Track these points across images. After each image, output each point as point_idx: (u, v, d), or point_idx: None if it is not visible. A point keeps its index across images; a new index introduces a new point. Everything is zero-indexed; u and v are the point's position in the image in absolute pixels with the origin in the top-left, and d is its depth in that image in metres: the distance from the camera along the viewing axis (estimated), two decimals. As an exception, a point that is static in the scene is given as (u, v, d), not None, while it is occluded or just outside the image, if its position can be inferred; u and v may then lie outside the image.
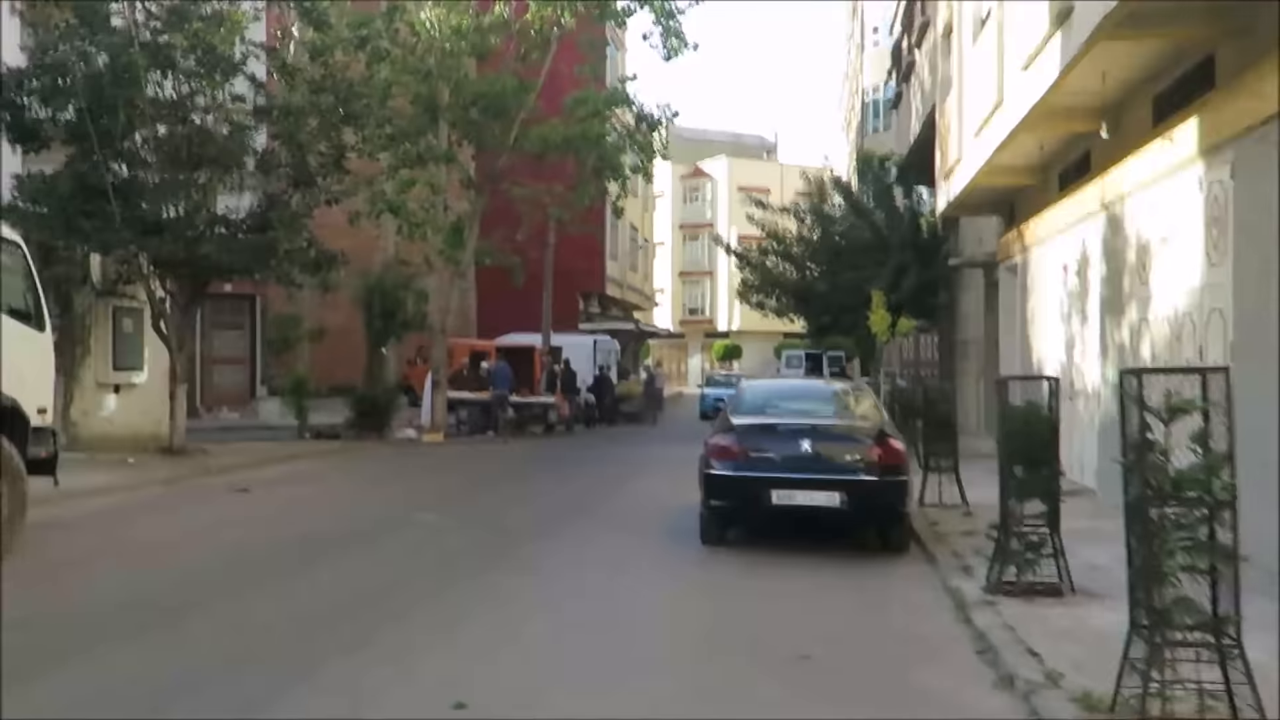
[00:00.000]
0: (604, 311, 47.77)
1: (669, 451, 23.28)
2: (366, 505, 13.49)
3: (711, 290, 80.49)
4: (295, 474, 17.19)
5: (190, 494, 14.34)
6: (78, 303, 18.87)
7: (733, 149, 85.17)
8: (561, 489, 15.77)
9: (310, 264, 18.12)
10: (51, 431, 9.86)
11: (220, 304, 30.74)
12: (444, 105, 24.36)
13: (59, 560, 9.26)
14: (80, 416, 18.98)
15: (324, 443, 22.54)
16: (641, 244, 56.64)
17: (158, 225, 16.82)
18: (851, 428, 10.35)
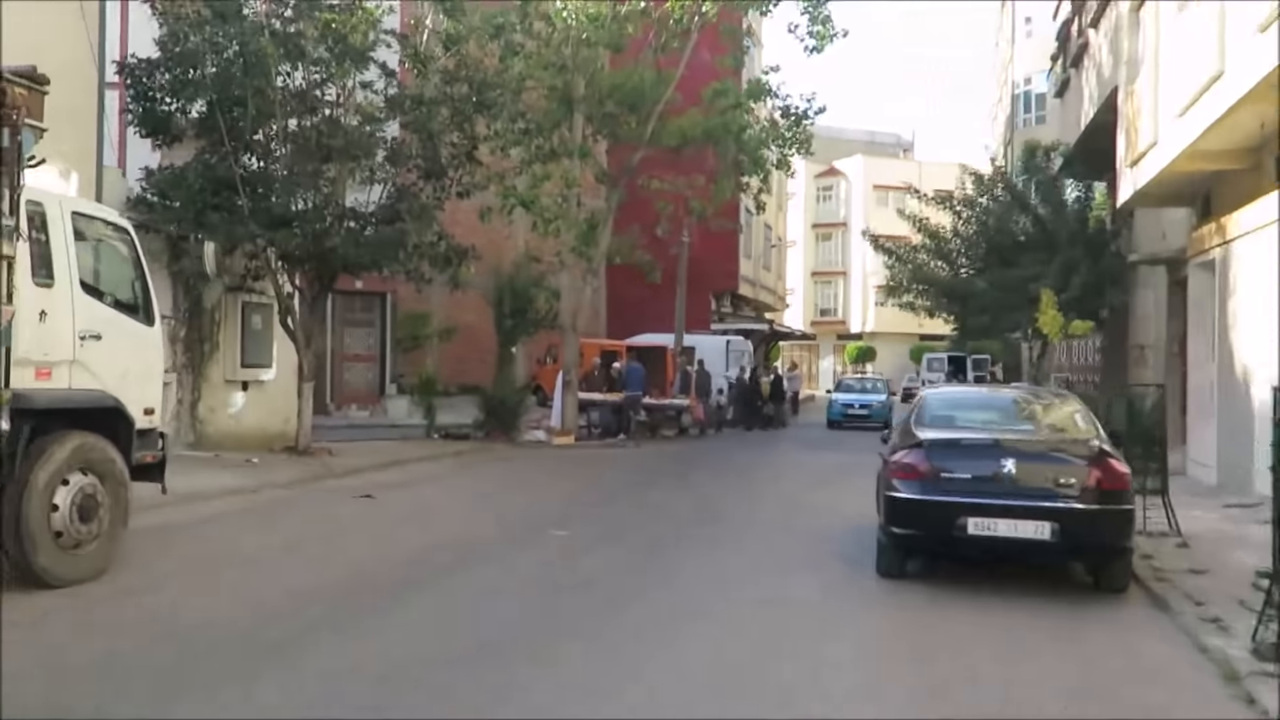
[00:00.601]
0: (736, 311, 46.39)
1: (807, 459, 21.82)
2: (494, 515, 12.45)
3: (845, 291, 78.31)
4: (421, 477, 16.34)
5: (310, 499, 13.55)
6: (207, 298, 18.45)
7: (867, 148, 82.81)
8: (700, 500, 14.52)
9: (440, 258, 17.27)
10: (160, 434, 9.03)
11: (351, 301, 30.47)
12: (579, 98, 23.37)
13: (151, 579, 8.39)
14: (207, 414, 18.56)
15: (452, 444, 21.76)
16: (775, 243, 55.05)
17: (286, 218, 16.17)
18: (1062, 444, 8.81)
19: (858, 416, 32.16)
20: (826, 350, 76.28)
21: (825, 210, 79.40)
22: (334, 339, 30.45)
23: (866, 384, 37.73)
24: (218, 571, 8.78)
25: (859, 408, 33.06)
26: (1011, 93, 45.20)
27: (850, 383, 39.09)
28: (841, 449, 24.76)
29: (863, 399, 33.83)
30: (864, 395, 34.59)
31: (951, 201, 25.08)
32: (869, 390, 35.80)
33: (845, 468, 19.74)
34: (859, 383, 38.75)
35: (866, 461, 22.09)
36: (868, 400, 33.74)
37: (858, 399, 33.90)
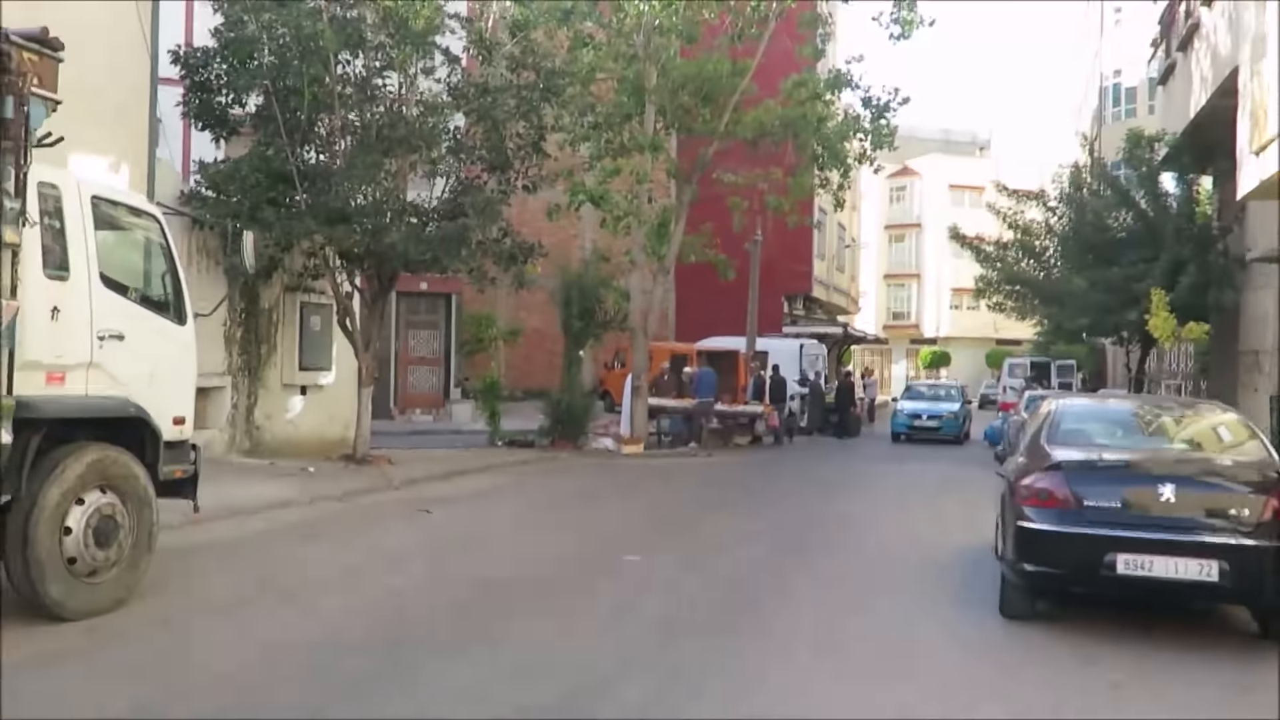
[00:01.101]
0: (808, 314, 45.03)
1: (890, 471, 20.47)
2: (561, 537, 11.37)
3: (918, 294, 76.36)
4: (483, 490, 15.36)
5: (365, 514, 12.61)
6: (265, 297, 17.69)
7: (942, 146, 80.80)
8: (784, 519, 13.33)
9: (505, 256, 16.28)
10: (191, 446, 8.08)
11: (415, 302, 29.72)
12: (651, 88, 22.32)
13: (176, 612, 7.46)
14: (264, 420, 17.78)
15: (516, 452, 20.81)
16: (849, 243, 53.54)
17: (344, 214, 15.31)
18: (1229, 467, 7.49)
19: (926, 429, 28.10)
20: (899, 355, 74.36)
21: (898, 211, 77.51)
22: (397, 342, 29.72)
23: (939, 391, 32.43)
24: (249, 607, 7.80)
25: (928, 419, 28.69)
26: (1099, 85, 43.31)
27: (920, 389, 33.89)
28: (926, 459, 23.40)
29: (933, 408, 29.35)
30: (935, 404, 29.92)
31: (1044, 197, 23.55)
32: (941, 398, 30.87)
33: (935, 481, 18.42)
34: (930, 389, 33.49)
35: (957, 475, 21.15)
36: (938, 410, 29.20)
37: (927, 408, 29.37)
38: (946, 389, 32.71)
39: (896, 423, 28.95)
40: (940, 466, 21.49)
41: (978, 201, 75.90)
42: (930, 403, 29.79)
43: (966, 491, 16.92)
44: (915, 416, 28.42)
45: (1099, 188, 22.21)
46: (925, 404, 29.64)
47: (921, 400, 30.22)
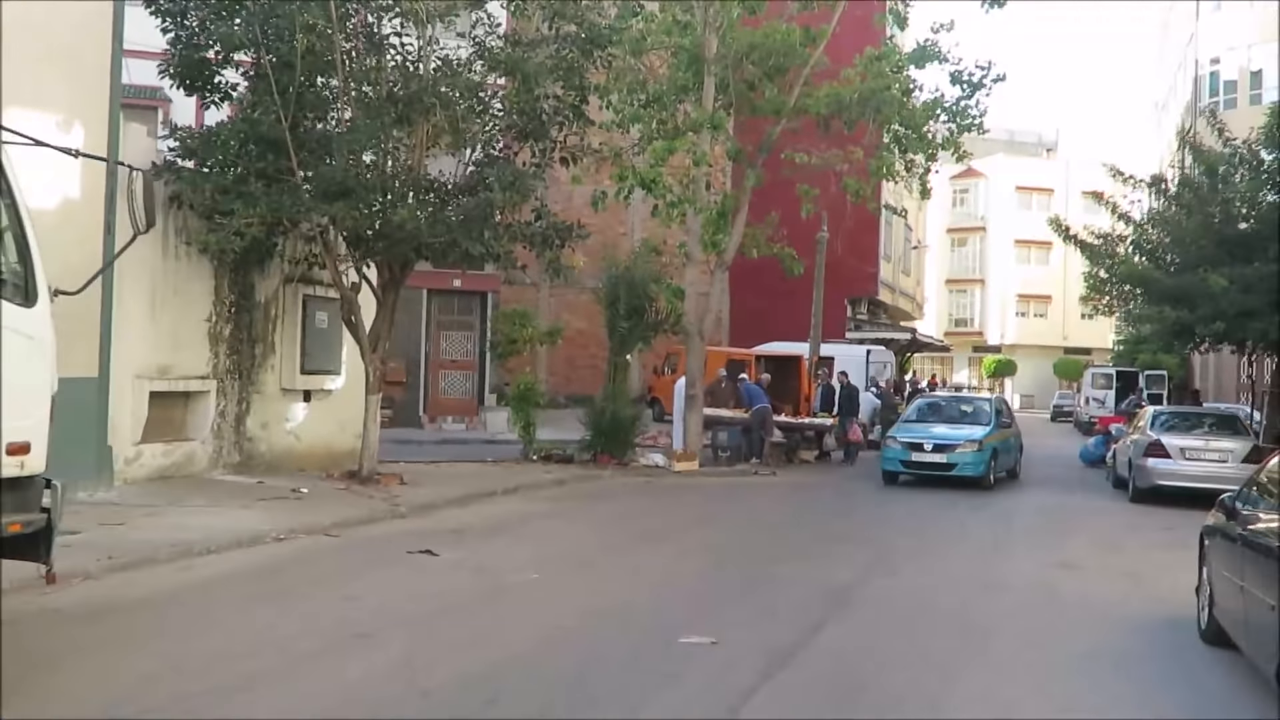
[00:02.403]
0: (872, 319, 42.04)
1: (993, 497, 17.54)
2: (596, 599, 8.59)
3: (982, 300, 72.95)
4: (506, 520, 12.70)
5: (351, 555, 10.01)
6: (260, 289, 15.25)
7: (1007, 147, 77.22)
8: (886, 571, 10.55)
9: (538, 239, 13.64)
10: (44, 483, 5.51)
11: (448, 301, 27.31)
12: (712, 58, 19.62)
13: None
14: (258, 430, 15.35)
15: (553, 468, 18.20)
16: (915, 244, 50.44)
17: (345, 188, 12.79)
18: None
19: (931, 467, 18.12)
20: (960, 364, 70.95)
21: (961, 214, 74.19)
22: (428, 344, 27.32)
23: (961, 408, 21.06)
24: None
25: (933, 450, 18.26)
26: (1194, 74, 39.95)
27: (934, 404, 21.94)
28: (1042, 482, 20.40)
29: (945, 435, 18.84)
30: (950, 428, 19.31)
31: (1164, 184, 20.53)
32: (962, 418, 20.00)
33: (1053, 517, 15.54)
34: (948, 404, 21.92)
35: (1075, 505, 17.49)
36: (952, 438, 18.64)
37: (936, 435, 18.81)
38: (974, 405, 21.22)
39: (888, 457, 18.63)
40: (1052, 496, 18.55)
41: (1045, 204, 72.72)
42: (943, 426, 19.37)
43: (1087, 527, 14.06)
44: (914, 447, 18.24)
45: (1235, 173, 19.16)
46: (935, 428, 19.14)
47: (931, 422, 19.64)
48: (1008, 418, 20.87)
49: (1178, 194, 20.02)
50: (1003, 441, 19.17)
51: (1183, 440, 16.62)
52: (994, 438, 18.64)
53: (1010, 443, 19.96)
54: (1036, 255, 71.73)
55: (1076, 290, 71.53)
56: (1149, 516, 15.57)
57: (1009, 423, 20.46)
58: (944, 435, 18.63)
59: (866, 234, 38.92)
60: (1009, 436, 19.96)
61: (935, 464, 18.02)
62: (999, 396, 25.43)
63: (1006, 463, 19.48)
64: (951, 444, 18.27)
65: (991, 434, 18.68)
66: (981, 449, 18.06)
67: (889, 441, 18.84)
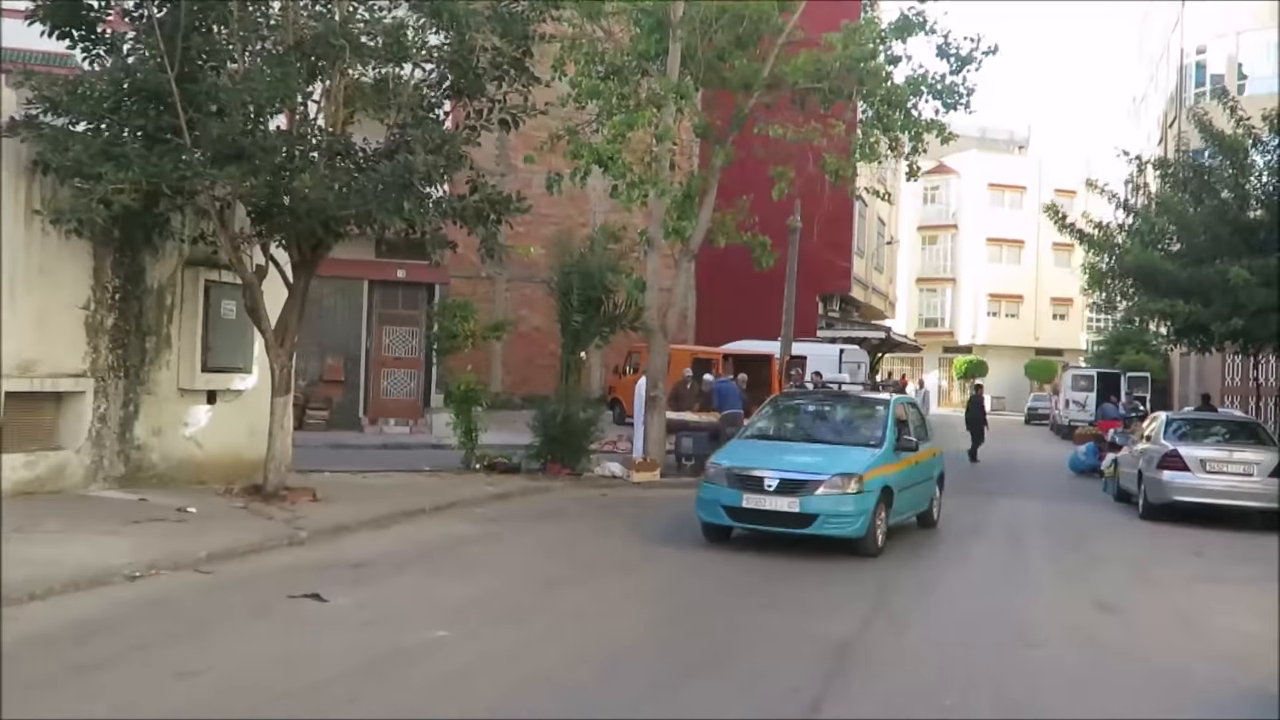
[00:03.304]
0: (844, 317, 40.30)
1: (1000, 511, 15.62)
2: (524, 673, 6.34)
3: (953, 299, 71.45)
4: (428, 548, 10.62)
5: (217, 601, 7.92)
6: (153, 273, 13.12)
7: (979, 144, 75.82)
8: (881, 608, 8.66)
9: (470, 213, 11.58)
10: None
11: (391, 294, 25.22)
12: (677, 22, 17.66)
13: None
14: (149, 437, 13.22)
15: (496, 479, 16.17)
16: (889, 240, 48.78)
17: (239, 149, 10.71)
18: None
19: (775, 520, 10.90)
20: (931, 364, 69.40)
21: (932, 211, 72.69)
22: (369, 340, 25.21)
23: (842, 412, 13.12)
24: None
25: (779, 490, 10.80)
26: (1179, 64, 38.45)
27: (798, 406, 13.83)
28: (1032, 493, 18.66)
29: (805, 465, 11.24)
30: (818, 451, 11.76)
31: (1170, 167, 18.77)
32: (843, 431, 12.56)
33: (1063, 537, 13.71)
34: (817, 410, 13.35)
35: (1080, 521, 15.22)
36: (815, 470, 11.06)
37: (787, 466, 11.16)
38: (861, 410, 13.09)
39: (706, 500, 11.36)
40: (1038, 508, 16.77)
41: (1018, 202, 71.44)
42: (805, 447, 12.01)
43: (1105, 552, 12.22)
44: (749, 484, 10.97)
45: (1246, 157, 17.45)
46: (789, 451, 11.79)
47: (786, 438, 12.47)
48: (919, 431, 12.89)
49: (1185, 179, 18.25)
50: (904, 474, 11.77)
51: (1202, 451, 14.84)
52: (887, 469, 11.30)
53: (920, 473, 12.51)
54: (1008, 254, 70.46)
55: (1048, 290, 71.18)
56: (1170, 537, 13.79)
57: (916, 442, 12.19)
58: (798, 465, 11.01)
59: (840, 227, 37.19)
60: (919, 463, 12.41)
61: (780, 515, 10.62)
62: (907, 396, 16.05)
63: (913, 505, 12.40)
64: (808, 479, 10.65)
65: (882, 462, 11.28)
66: (862, 491, 10.60)
67: (711, 473, 11.24)
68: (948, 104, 19.00)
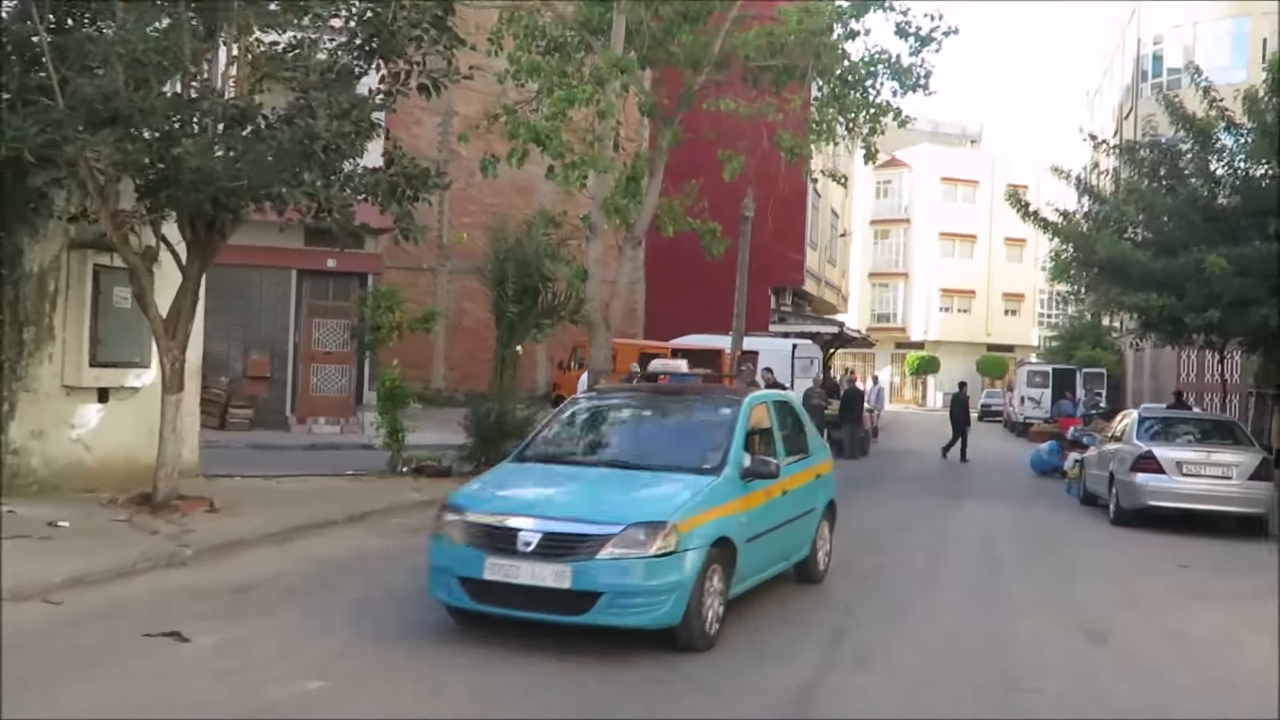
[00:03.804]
0: (797, 311, 39.37)
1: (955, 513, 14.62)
2: None
3: (905, 294, 70.95)
4: (328, 569, 9.32)
5: (58, 641, 6.62)
6: (32, 256, 11.73)
7: (930, 138, 75.42)
8: (845, 633, 7.57)
9: (383, 187, 10.30)
10: None
11: (321, 284, 23.73)
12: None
13: None
14: (28, 439, 11.86)
15: (423, 483, 14.90)
16: (843, 233, 47.94)
17: (115, 111, 9.37)
18: None
19: (532, 600, 6.75)
20: (883, 360, 68.83)
21: (885, 205, 72.17)
22: (298, 333, 23.74)
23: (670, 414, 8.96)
24: None
25: (539, 552, 6.75)
26: (1136, 54, 37.89)
27: (604, 410, 9.26)
28: (996, 495, 17.77)
29: (585, 510, 7.09)
30: (616, 483, 7.58)
31: (1140, 151, 17.86)
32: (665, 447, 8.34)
33: (1036, 544, 12.71)
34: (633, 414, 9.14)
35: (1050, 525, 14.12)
36: (600, 518, 6.90)
37: (559, 510, 7.20)
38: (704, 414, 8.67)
39: (440, 565, 7.21)
40: (1004, 511, 15.83)
41: (971, 196, 71.05)
42: (590, 487, 7.58)
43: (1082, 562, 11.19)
44: (499, 541, 6.96)
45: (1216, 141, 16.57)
46: (570, 483, 7.73)
47: (571, 471, 8.03)
48: (793, 443, 9.05)
49: (1154, 163, 17.34)
50: (758, 514, 7.88)
51: (1179, 452, 13.90)
52: (726, 509, 7.43)
53: (790, 508, 8.56)
54: (961, 249, 70.12)
55: (1000, 285, 70.86)
56: (1147, 545, 12.85)
57: (776, 465, 8.04)
58: (578, 508, 7.21)
59: (793, 219, 36.22)
60: (789, 493, 8.51)
61: (541, 593, 6.78)
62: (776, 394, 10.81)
63: (777, 555, 8.45)
64: (589, 533, 6.88)
65: (717, 499, 7.39)
66: (676, 550, 6.84)
67: (445, 521, 7.33)
68: (905, 85, 18.02)
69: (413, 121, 27.18)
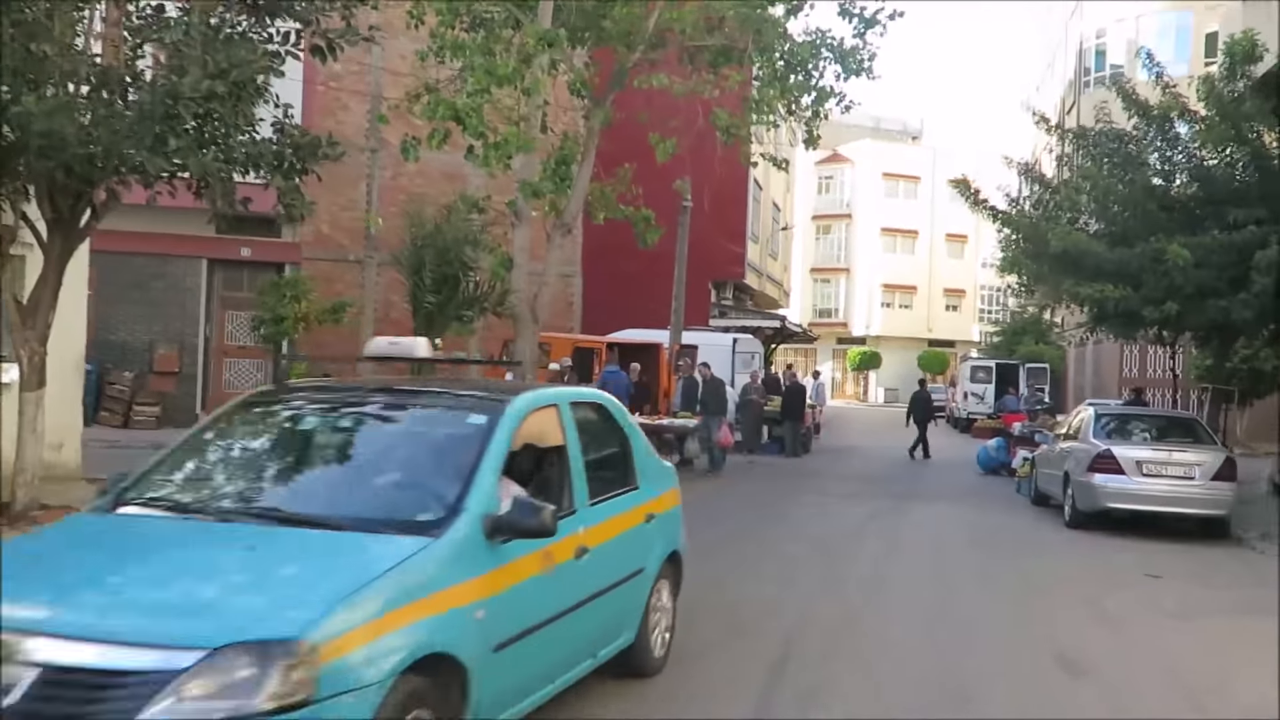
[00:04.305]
0: (738, 305, 38.48)
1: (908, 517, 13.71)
2: None
3: (847, 289, 70.59)
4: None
5: None
6: None
7: (872, 133, 75.19)
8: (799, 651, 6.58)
9: (267, 158, 9.12)
10: None
11: (235, 275, 22.44)
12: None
13: None
14: None
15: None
16: (785, 226, 47.18)
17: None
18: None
19: None
20: (825, 355, 68.32)
21: (826, 201, 71.72)
22: (209, 326, 22.42)
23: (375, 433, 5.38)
24: None
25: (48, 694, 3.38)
26: (1079, 47, 37.50)
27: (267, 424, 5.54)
28: (944, 495, 16.97)
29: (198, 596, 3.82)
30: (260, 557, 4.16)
31: (1091, 138, 17.11)
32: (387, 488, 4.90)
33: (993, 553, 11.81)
34: (330, 428, 5.42)
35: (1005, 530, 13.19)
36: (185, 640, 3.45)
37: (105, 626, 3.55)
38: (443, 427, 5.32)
39: None
40: (954, 514, 15.01)
41: (913, 192, 70.86)
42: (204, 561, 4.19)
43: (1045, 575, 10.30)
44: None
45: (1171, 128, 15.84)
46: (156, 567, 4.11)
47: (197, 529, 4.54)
48: (586, 476, 5.55)
49: (1109, 150, 16.58)
50: (520, 595, 4.66)
51: (1138, 451, 13.11)
52: (446, 596, 4.18)
53: (597, 571, 5.46)
54: (903, 244, 69.94)
55: (942, 280, 70.75)
56: (1109, 552, 12.03)
57: (546, 515, 4.56)
58: (129, 615, 3.64)
59: (734, 211, 35.38)
60: (594, 549, 5.37)
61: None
62: (572, 392, 6.61)
63: (579, 651, 5.41)
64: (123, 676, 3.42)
65: (428, 581, 4.13)
66: (311, 696, 3.45)
67: None
68: (849, 69, 17.10)
69: (339, 107, 25.87)
